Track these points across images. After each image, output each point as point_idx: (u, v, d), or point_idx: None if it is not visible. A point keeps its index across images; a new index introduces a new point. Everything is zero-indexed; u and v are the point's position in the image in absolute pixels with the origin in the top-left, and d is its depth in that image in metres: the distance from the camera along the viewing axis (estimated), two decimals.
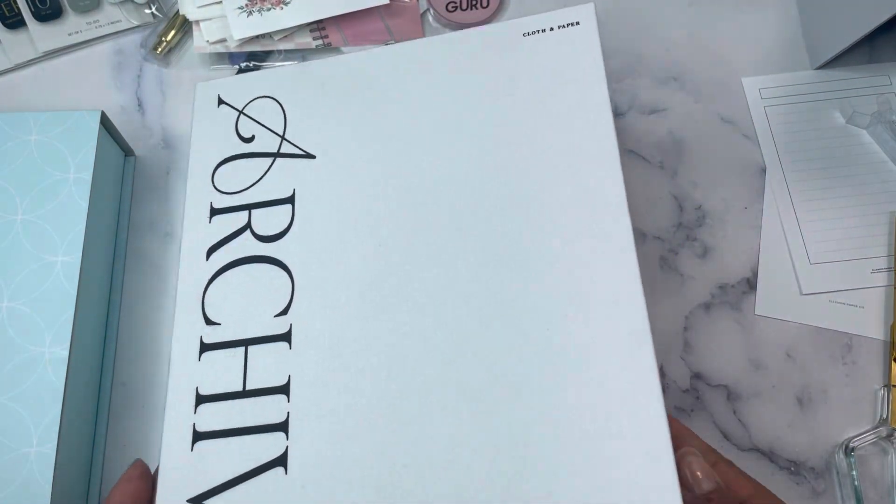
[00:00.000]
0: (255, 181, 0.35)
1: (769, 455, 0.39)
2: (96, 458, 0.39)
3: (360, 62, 0.37)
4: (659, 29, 0.50)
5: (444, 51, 0.37)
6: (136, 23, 0.50)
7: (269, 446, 0.29)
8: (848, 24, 0.45)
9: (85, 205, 0.38)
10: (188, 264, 0.34)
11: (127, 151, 0.46)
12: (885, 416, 0.39)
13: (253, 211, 0.35)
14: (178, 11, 0.50)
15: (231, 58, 0.50)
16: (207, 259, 0.34)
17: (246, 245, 0.34)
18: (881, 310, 0.42)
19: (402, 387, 0.30)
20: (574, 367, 0.29)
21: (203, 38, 0.48)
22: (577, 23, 0.36)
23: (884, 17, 0.42)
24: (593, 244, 0.31)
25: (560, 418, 0.28)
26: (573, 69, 0.35)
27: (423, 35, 0.51)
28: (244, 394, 0.31)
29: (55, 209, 0.38)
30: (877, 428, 0.39)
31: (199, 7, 0.48)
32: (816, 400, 0.40)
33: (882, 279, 0.42)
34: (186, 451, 0.30)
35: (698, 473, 0.28)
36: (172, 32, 0.49)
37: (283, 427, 0.30)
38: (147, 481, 0.29)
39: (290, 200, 0.35)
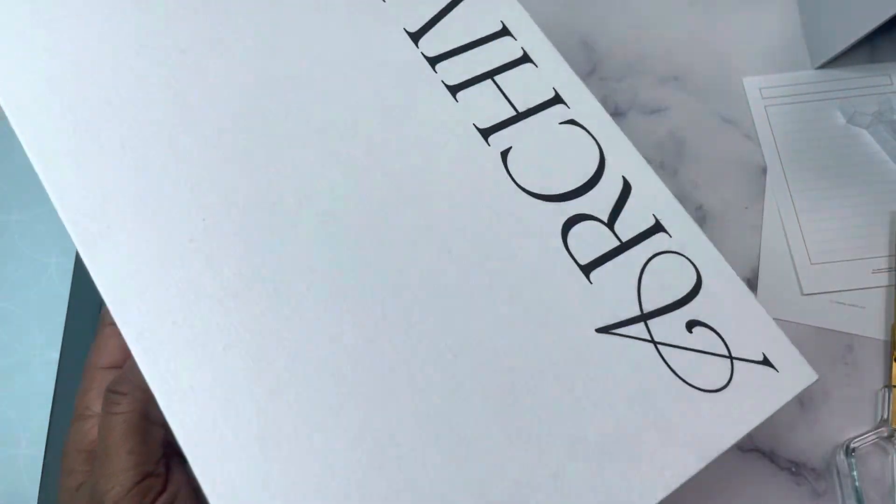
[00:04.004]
0: None
1: (770, 455, 0.39)
2: None
3: None
4: (659, 29, 0.49)
5: None
6: None
7: None
8: (849, 24, 0.45)
9: None
10: None
11: None
12: (885, 416, 0.39)
13: None
14: None
15: None
16: None
17: None
18: (882, 310, 0.42)
19: None
20: None
21: None
22: None
23: (885, 16, 0.42)
24: None
25: None
26: None
27: None
28: None
29: (50, 210, 0.37)
30: (877, 428, 0.39)
31: None
32: (817, 400, 0.40)
33: (883, 279, 0.42)
34: None
35: None
36: None
37: None
38: None
39: None
